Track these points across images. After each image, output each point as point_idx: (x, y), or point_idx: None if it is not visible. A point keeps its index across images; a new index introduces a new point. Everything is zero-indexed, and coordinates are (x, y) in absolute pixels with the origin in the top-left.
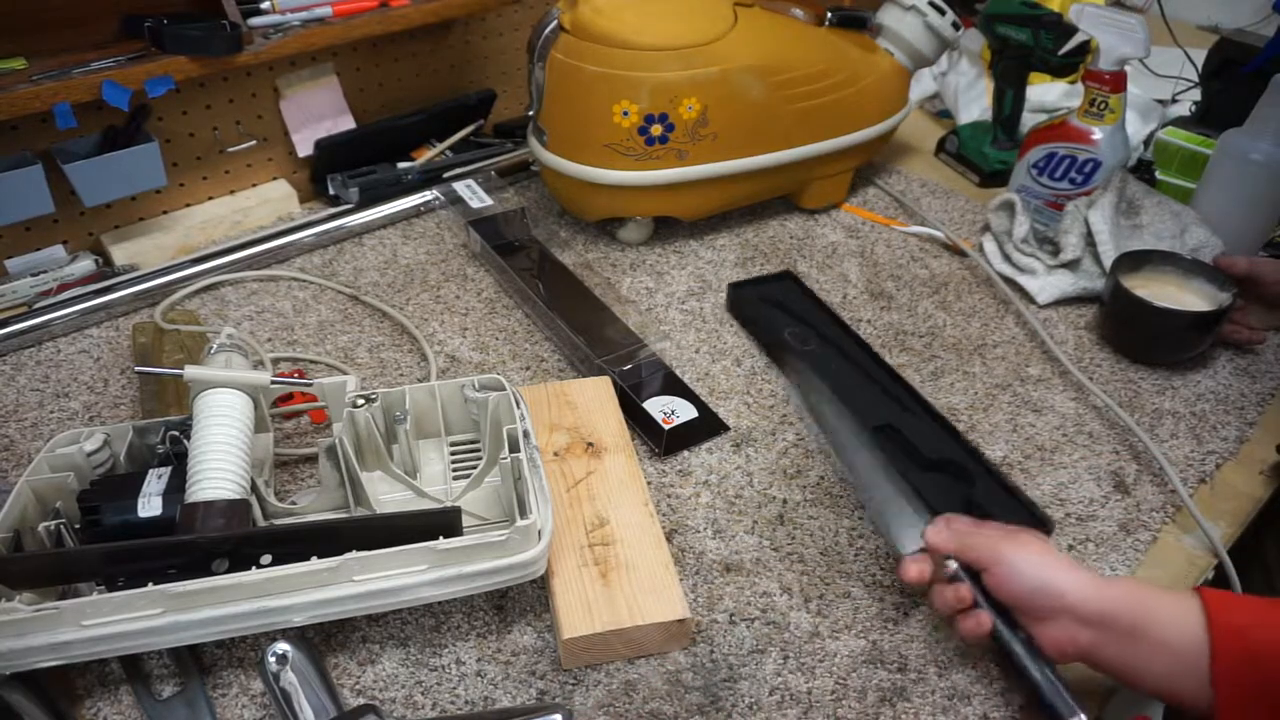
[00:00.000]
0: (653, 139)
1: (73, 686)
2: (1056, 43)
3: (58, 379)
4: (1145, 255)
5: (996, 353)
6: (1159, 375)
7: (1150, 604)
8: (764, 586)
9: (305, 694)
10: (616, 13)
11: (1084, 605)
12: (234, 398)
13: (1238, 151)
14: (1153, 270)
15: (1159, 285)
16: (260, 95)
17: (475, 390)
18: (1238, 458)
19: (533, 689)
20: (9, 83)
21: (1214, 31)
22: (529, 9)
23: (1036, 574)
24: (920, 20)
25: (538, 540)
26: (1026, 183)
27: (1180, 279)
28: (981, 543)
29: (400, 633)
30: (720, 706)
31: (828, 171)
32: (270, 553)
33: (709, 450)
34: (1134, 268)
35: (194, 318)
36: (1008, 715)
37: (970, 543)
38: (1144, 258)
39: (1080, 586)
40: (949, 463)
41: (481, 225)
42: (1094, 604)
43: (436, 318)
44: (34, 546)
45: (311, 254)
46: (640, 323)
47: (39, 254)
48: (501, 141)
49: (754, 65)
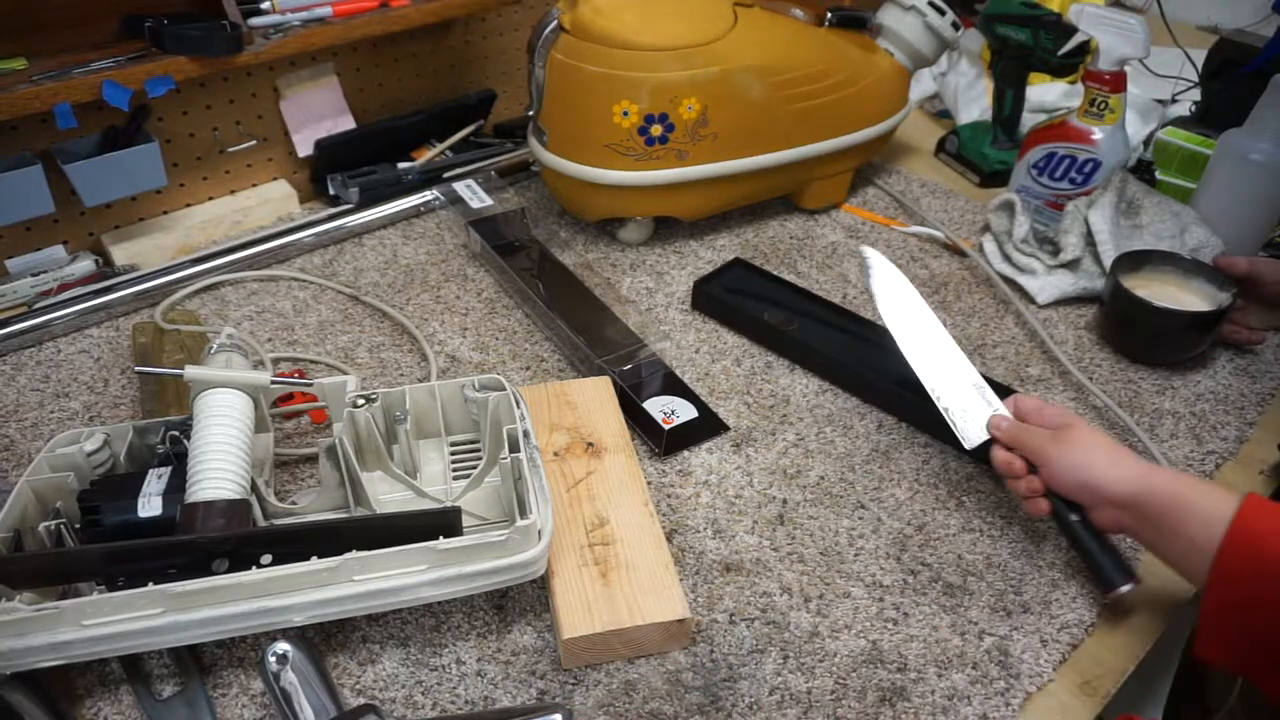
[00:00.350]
0: (653, 139)
1: (73, 686)
2: (1056, 43)
3: (58, 379)
4: (1145, 255)
5: (996, 353)
6: (1159, 375)
7: (1187, 496)
8: (764, 586)
9: (305, 694)
10: (616, 13)
11: (1119, 496)
12: (234, 398)
13: (1238, 151)
14: (1153, 270)
15: (1159, 285)
16: (260, 95)
17: (475, 390)
18: (1238, 458)
19: (533, 689)
20: (9, 83)
21: (1214, 31)
22: (529, 9)
23: (1077, 475)
24: (920, 20)
25: (538, 540)
26: (1026, 183)
27: (1180, 279)
28: (1031, 442)
29: (400, 633)
30: (720, 706)
31: (828, 171)
32: (270, 553)
33: (709, 450)
34: (1134, 268)
35: (194, 318)
36: (1008, 715)
37: (1023, 440)
38: (1144, 258)
39: (1117, 479)
40: None
41: (481, 225)
42: (1129, 493)
43: (436, 318)
44: (34, 546)
45: (311, 254)
46: (640, 323)
47: (39, 254)
48: (501, 141)
49: (754, 65)
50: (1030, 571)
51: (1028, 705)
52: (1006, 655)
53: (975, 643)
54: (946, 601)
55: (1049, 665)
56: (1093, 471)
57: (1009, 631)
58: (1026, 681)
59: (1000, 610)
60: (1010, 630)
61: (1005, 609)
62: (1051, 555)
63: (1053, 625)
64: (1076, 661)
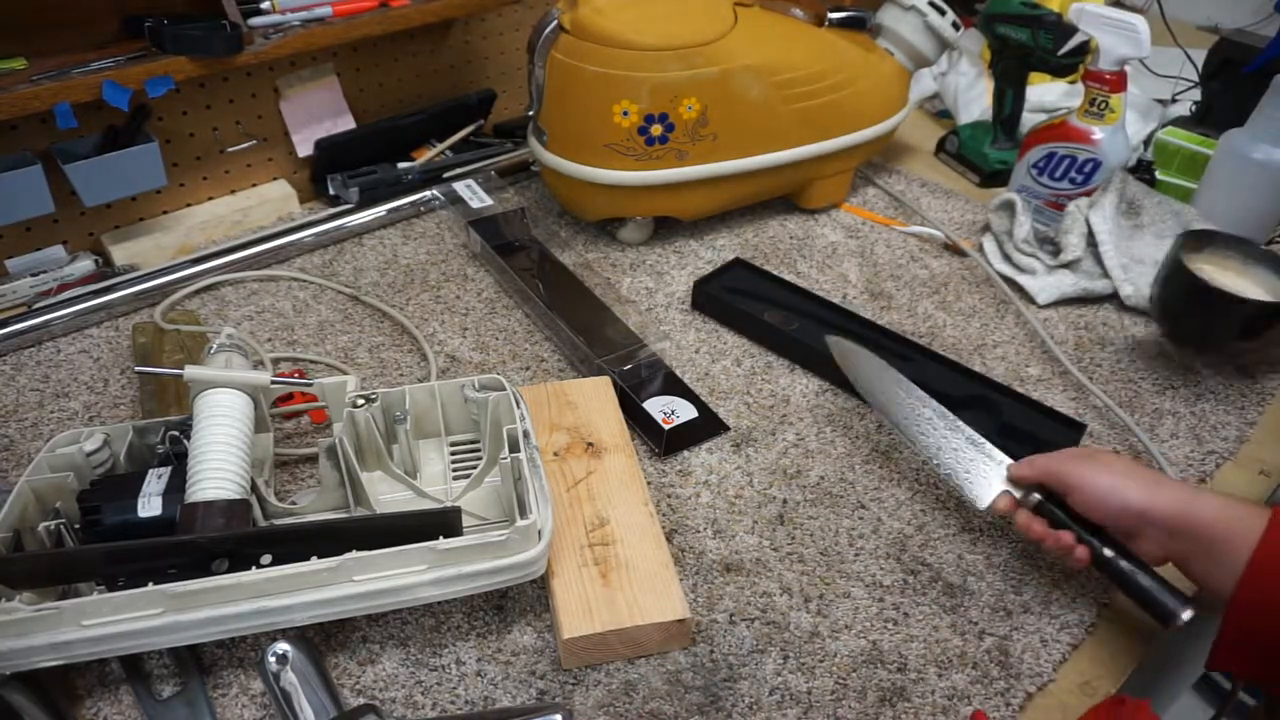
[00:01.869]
0: (653, 139)
1: (73, 686)
2: (1056, 43)
3: (58, 379)
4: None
5: (996, 353)
6: (1159, 375)
7: (1238, 513)
8: (764, 586)
9: (305, 694)
10: (616, 13)
11: (1167, 517)
12: (234, 398)
13: (1238, 151)
14: (1214, 252)
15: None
16: (260, 95)
17: (475, 390)
18: (1237, 458)
19: (533, 689)
20: (9, 83)
21: (1214, 31)
22: (529, 9)
23: (1117, 498)
24: (920, 20)
25: (538, 540)
26: (1026, 183)
27: (1240, 265)
28: (1059, 466)
29: (400, 633)
30: (720, 706)
31: (828, 171)
32: (270, 553)
33: (709, 450)
34: (1197, 248)
35: (194, 318)
36: (1008, 715)
37: (1050, 467)
38: (1208, 238)
39: (1159, 504)
40: (971, 399)
41: (481, 225)
42: (1178, 514)
43: (436, 318)
44: (34, 546)
45: (311, 254)
46: (640, 323)
47: (39, 254)
48: (501, 141)
49: (754, 65)
50: (1030, 571)
51: (1028, 705)
52: (1006, 655)
53: (975, 643)
54: (946, 601)
55: (1049, 665)
56: (1137, 494)
57: (1009, 631)
58: (1026, 681)
59: (1000, 610)
60: (1010, 630)
61: (1005, 609)
62: (1051, 555)
63: (1053, 625)
64: (1076, 661)
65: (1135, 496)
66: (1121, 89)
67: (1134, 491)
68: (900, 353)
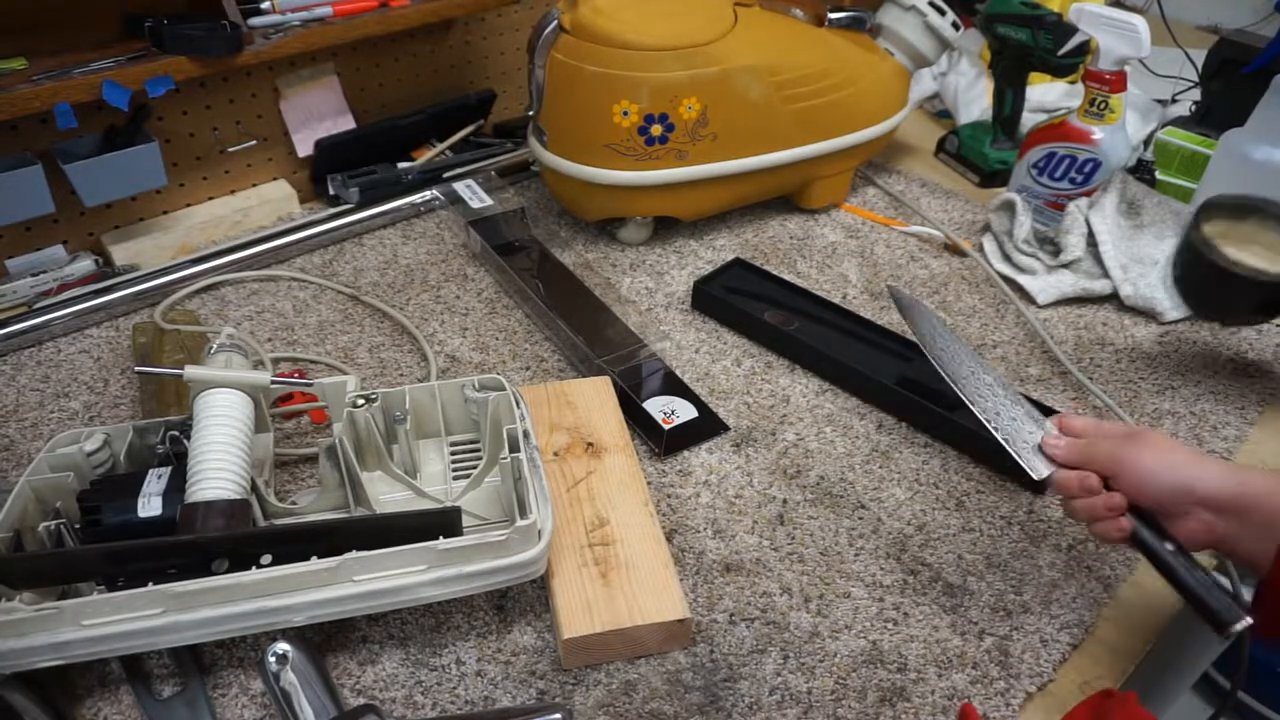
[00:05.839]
0: (653, 139)
1: (73, 686)
2: (1056, 43)
3: (58, 379)
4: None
5: (996, 353)
6: (1159, 375)
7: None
8: (764, 586)
9: (305, 694)
10: (616, 13)
11: (1218, 495)
12: (234, 398)
13: (1238, 152)
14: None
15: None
16: (260, 95)
17: (475, 390)
18: (1237, 458)
19: (533, 689)
20: (9, 83)
21: (1214, 32)
22: (529, 9)
23: (1170, 477)
24: (920, 20)
25: (538, 540)
26: (1027, 183)
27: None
28: (1102, 451)
29: (400, 633)
30: (720, 706)
31: (827, 171)
32: (270, 553)
33: (709, 450)
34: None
35: (194, 318)
36: (1008, 715)
37: (1091, 453)
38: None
39: (1212, 478)
40: None
41: (481, 225)
42: (1229, 493)
43: (436, 318)
44: (34, 546)
45: (311, 254)
46: (640, 323)
47: (39, 254)
48: (501, 141)
49: (754, 65)
50: (1030, 571)
51: (1028, 705)
52: (1006, 655)
53: (975, 643)
54: (946, 601)
55: (1049, 665)
56: (1185, 471)
57: (1009, 631)
58: (1026, 681)
59: (1000, 610)
60: (1010, 630)
61: (1005, 609)
62: (1051, 555)
63: (1053, 625)
64: (1076, 661)
65: (1184, 475)
66: (1121, 89)
67: (1182, 470)
68: (900, 353)
